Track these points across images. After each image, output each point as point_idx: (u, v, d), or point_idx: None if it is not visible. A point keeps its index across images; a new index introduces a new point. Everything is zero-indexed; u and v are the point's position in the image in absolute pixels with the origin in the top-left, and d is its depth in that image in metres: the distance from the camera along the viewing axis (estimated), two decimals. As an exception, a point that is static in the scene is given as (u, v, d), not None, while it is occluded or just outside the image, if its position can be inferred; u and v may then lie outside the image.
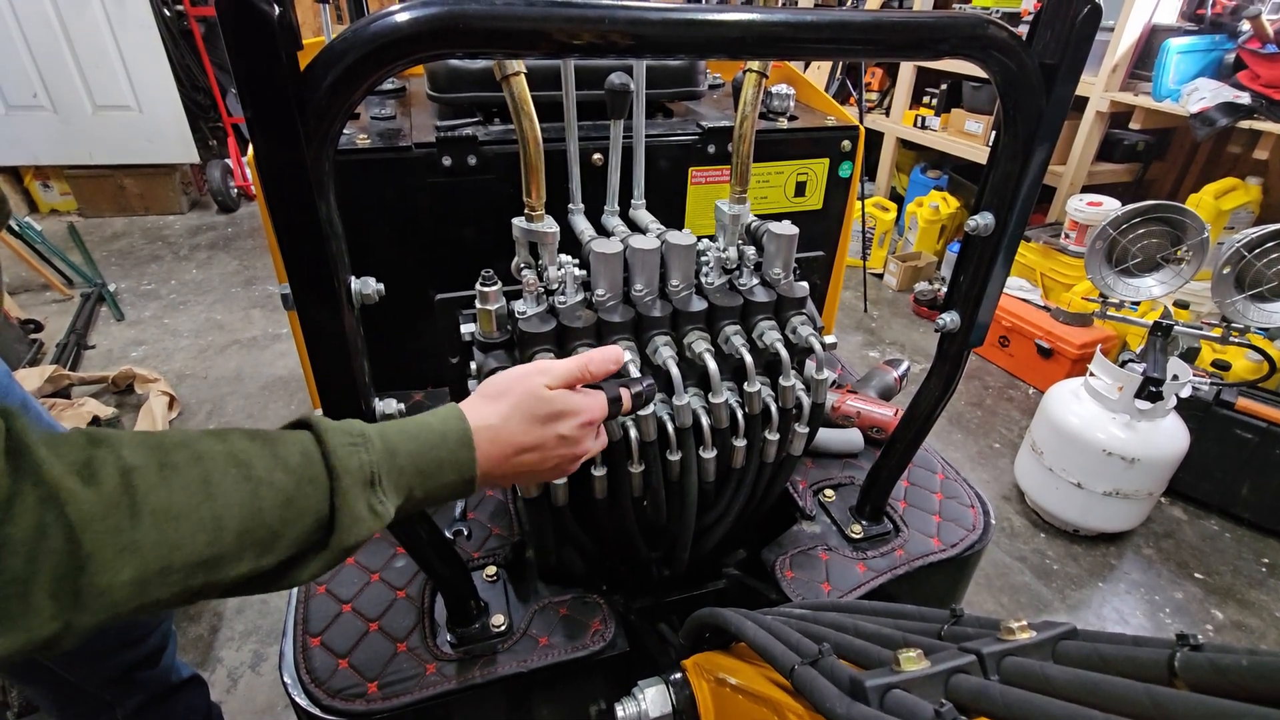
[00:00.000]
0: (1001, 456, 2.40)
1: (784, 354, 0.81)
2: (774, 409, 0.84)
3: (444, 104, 1.23)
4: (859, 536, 1.00)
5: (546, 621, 0.86)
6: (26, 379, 2.29)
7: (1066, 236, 2.91)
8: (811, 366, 0.86)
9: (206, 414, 2.48)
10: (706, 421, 0.81)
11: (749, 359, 0.79)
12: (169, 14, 3.89)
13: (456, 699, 0.78)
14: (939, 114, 3.67)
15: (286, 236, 0.52)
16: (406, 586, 0.90)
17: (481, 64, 1.16)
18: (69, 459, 0.37)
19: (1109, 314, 1.99)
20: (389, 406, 0.65)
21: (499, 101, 1.17)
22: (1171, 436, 1.85)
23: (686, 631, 0.74)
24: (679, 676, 0.66)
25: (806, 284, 0.86)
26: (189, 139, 3.97)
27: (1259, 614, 1.84)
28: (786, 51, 0.59)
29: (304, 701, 0.76)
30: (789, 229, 0.83)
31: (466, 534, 0.98)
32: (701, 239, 0.86)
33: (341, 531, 0.47)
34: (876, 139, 4.05)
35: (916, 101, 3.84)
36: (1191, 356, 2.23)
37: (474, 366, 0.81)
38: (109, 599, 0.36)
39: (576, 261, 0.81)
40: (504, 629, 0.84)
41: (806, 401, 0.86)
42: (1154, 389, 1.78)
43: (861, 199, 3.28)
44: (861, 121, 1.36)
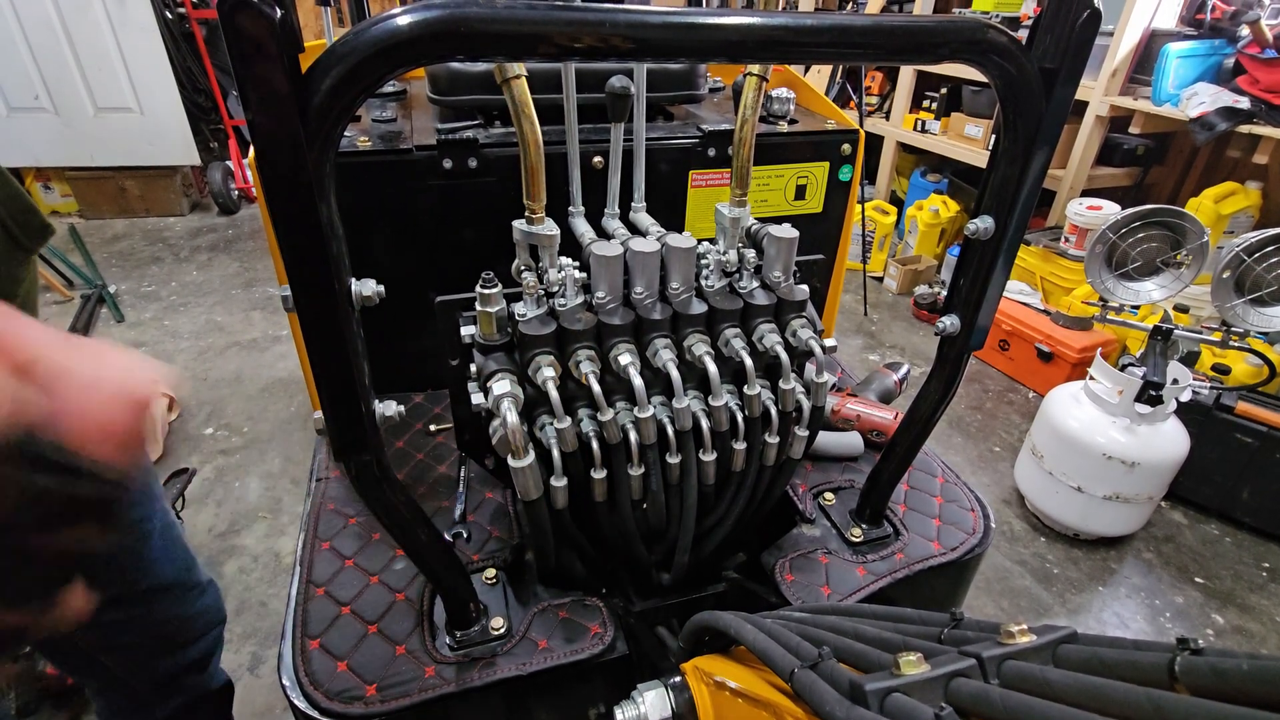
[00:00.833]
0: (1001, 460, 2.40)
1: (784, 357, 0.81)
2: (774, 412, 0.84)
3: (445, 107, 1.24)
4: (859, 540, 1.00)
5: (546, 624, 0.86)
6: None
7: (1066, 240, 2.91)
8: (811, 370, 0.86)
9: (206, 415, 2.48)
10: (706, 424, 0.81)
11: (749, 362, 0.79)
12: (171, 16, 3.90)
13: (455, 701, 0.78)
14: (939, 118, 3.68)
15: (287, 238, 0.52)
16: (406, 589, 0.89)
17: (482, 67, 1.17)
18: None
19: (1109, 318, 1.99)
20: (389, 408, 0.65)
21: (500, 104, 1.17)
22: (1172, 440, 1.84)
23: (686, 635, 0.74)
24: (678, 680, 0.66)
25: (806, 287, 0.86)
26: (190, 141, 3.98)
27: (1259, 619, 1.83)
28: (787, 55, 0.59)
29: (302, 704, 0.76)
30: (789, 232, 0.83)
31: (466, 536, 0.98)
32: (701, 242, 0.86)
33: None
34: (876, 143, 4.06)
35: (916, 105, 3.85)
36: (1191, 360, 2.23)
37: (474, 369, 0.81)
38: None
39: (577, 264, 0.81)
40: (503, 632, 0.84)
41: (806, 405, 0.86)
42: (1154, 393, 1.78)
43: (861, 202, 3.29)
44: (861, 125, 1.37)
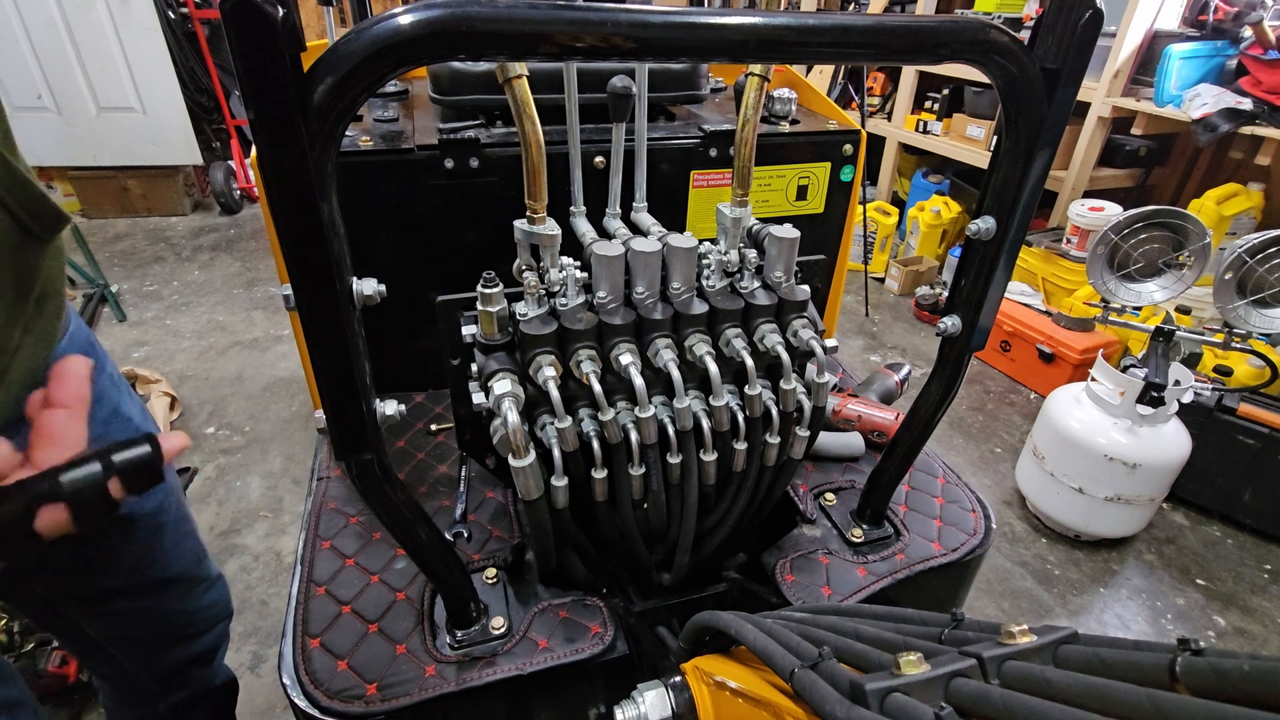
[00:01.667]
0: (1003, 461, 2.39)
1: (785, 357, 0.81)
2: (775, 412, 0.84)
3: (447, 106, 1.24)
4: (859, 540, 1.00)
5: (546, 624, 0.86)
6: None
7: (1068, 241, 2.91)
8: (812, 370, 0.86)
9: (208, 415, 2.48)
10: (707, 424, 0.81)
11: (750, 362, 0.79)
12: (173, 17, 3.91)
13: (456, 701, 0.78)
14: (941, 119, 3.67)
15: (288, 237, 0.52)
16: (406, 588, 0.89)
17: (484, 67, 1.17)
18: None
19: (1111, 319, 1.99)
20: (390, 408, 0.65)
21: (501, 104, 1.17)
22: (1173, 442, 1.84)
23: (686, 635, 0.73)
24: (679, 680, 0.66)
25: (808, 287, 0.86)
26: (192, 141, 3.99)
27: (1261, 620, 1.83)
28: (789, 55, 0.59)
29: (303, 703, 0.76)
30: (790, 232, 0.83)
31: (467, 536, 0.98)
32: (703, 242, 0.86)
33: None
34: (878, 144, 4.05)
35: (918, 106, 3.85)
36: (1193, 362, 2.23)
37: (475, 368, 0.81)
38: None
39: (578, 264, 0.81)
40: (504, 631, 0.84)
41: (807, 405, 0.86)
42: (1156, 394, 1.78)
43: (863, 203, 3.29)
44: (863, 126, 1.36)
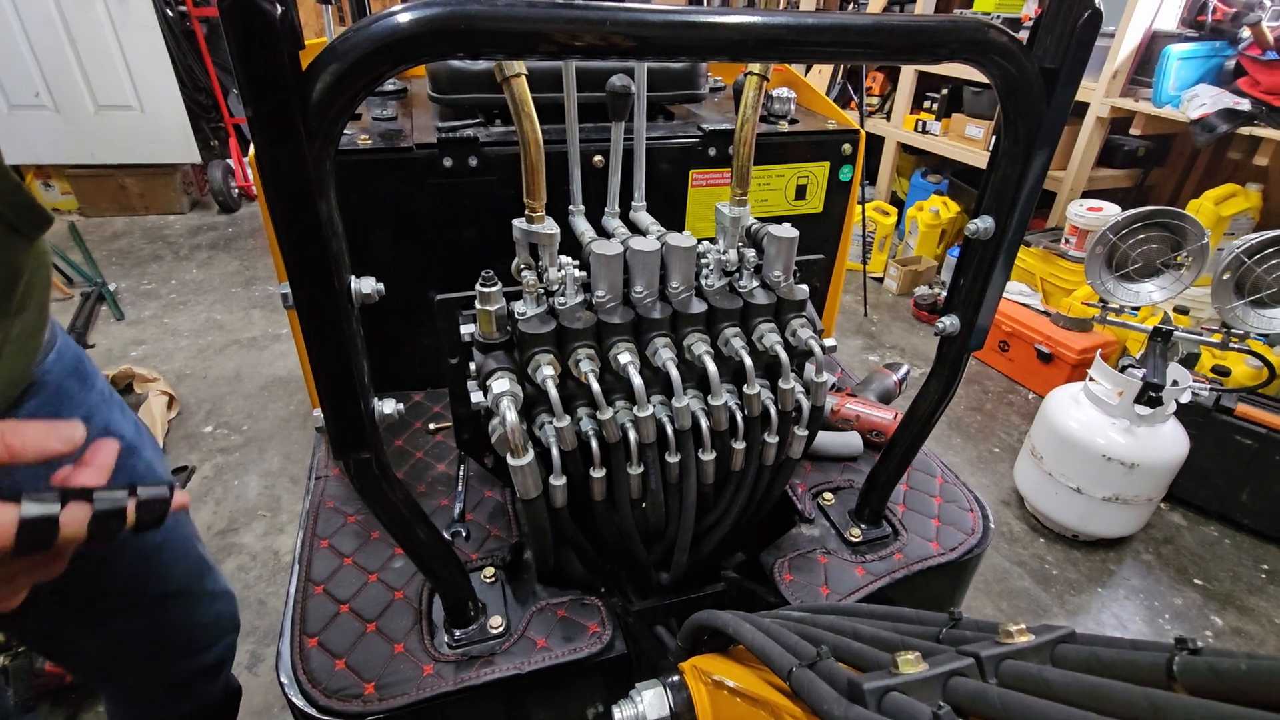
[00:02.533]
0: (1001, 461, 2.40)
1: (784, 357, 0.81)
2: (773, 412, 0.84)
3: (445, 105, 1.24)
4: (858, 540, 1.00)
5: (544, 623, 0.86)
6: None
7: (1066, 241, 2.91)
8: (811, 369, 0.86)
9: (205, 413, 2.48)
10: (706, 424, 0.81)
11: (749, 361, 0.79)
12: (172, 15, 3.90)
13: (454, 700, 0.78)
14: (940, 119, 3.68)
15: (286, 236, 0.52)
16: (404, 587, 0.89)
17: (483, 65, 1.17)
18: None
19: (1109, 319, 1.99)
20: (388, 406, 0.65)
21: (500, 103, 1.17)
22: (1171, 442, 1.84)
23: (684, 634, 0.73)
24: (677, 679, 0.66)
25: (806, 287, 0.86)
26: (190, 139, 3.98)
27: (1258, 620, 1.83)
28: (788, 54, 0.59)
29: (300, 702, 0.76)
30: (789, 232, 0.83)
31: (465, 535, 0.98)
32: (702, 241, 0.86)
33: None
34: (877, 143, 4.06)
35: (917, 106, 3.85)
36: (1191, 362, 2.23)
37: (473, 367, 0.81)
38: None
39: (577, 263, 0.81)
40: (502, 630, 0.84)
41: (806, 404, 0.86)
42: (1154, 394, 1.78)
43: (862, 203, 3.29)
44: (862, 125, 1.36)
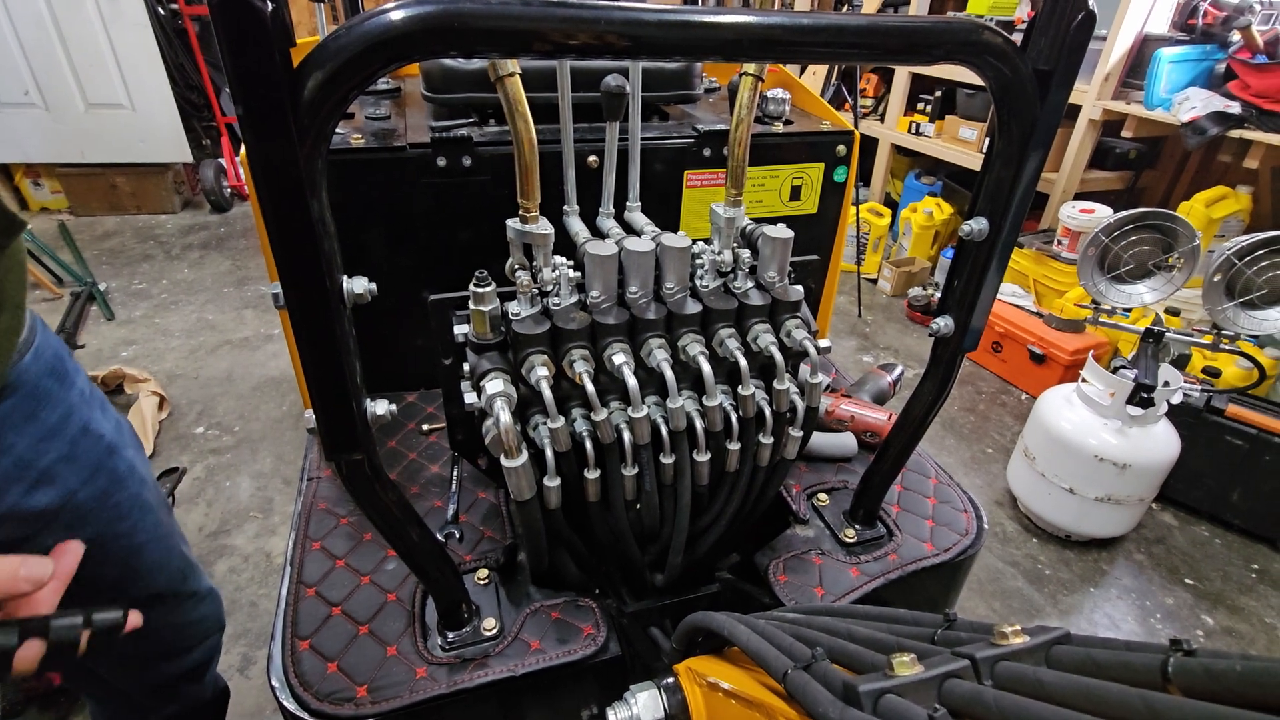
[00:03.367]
0: (994, 461, 2.41)
1: (778, 357, 0.81)
2: (768, 413, 0.84)
3: (439, 104, 1.23)
4: (852, 541, 1.00)
5: (538, 625, 0.85)
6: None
7: (1059, 243, 2.93)
8: (806, 370, 0.86)
9: (197, 414, 2.46)
10: (700, 424, 0.81)
11: (743, 362, 0.79)
12: (163, 13, 3.88)
13: (447, 703, 0.77)
14: (933, 120, 3.69)
15: (278, 235, 0.52)
16: (397, 589, 0.89)
17: (477, 64, 1.16)
18: None
19: (1101, 320, 2.00)
20: (380, 407, 0.64)
21: (494, 102, 1.16)
22: (1163, 443, 1.85)
23: (679, 636, 0.73)
24: (671, 681, 0.65)
25: (801, 288, 0.86)
26: (182, 138, 3.96)
27: (1249, 620, 1.85)
28: (783, 54, 0.59)
29: (292, 705, 0.75)
30: (784, 233, 0.83)
31: (458, 537, 0.98)
32: (696, 242, 0.86)
33: None
34: (871, 145, 4.07)
35: (911, 108, 3.86)
36: (1182, 363, 2.24)
37: (467, 368, 0.81)
38: None
39: (571, 263, 0.81)
40: (495, 632, 0.83)
41: (801, 405, 0.86)
42: (1145, 395, 1.79)
43: (856, 204, 3.30)
44: (856, 127, 1.37)
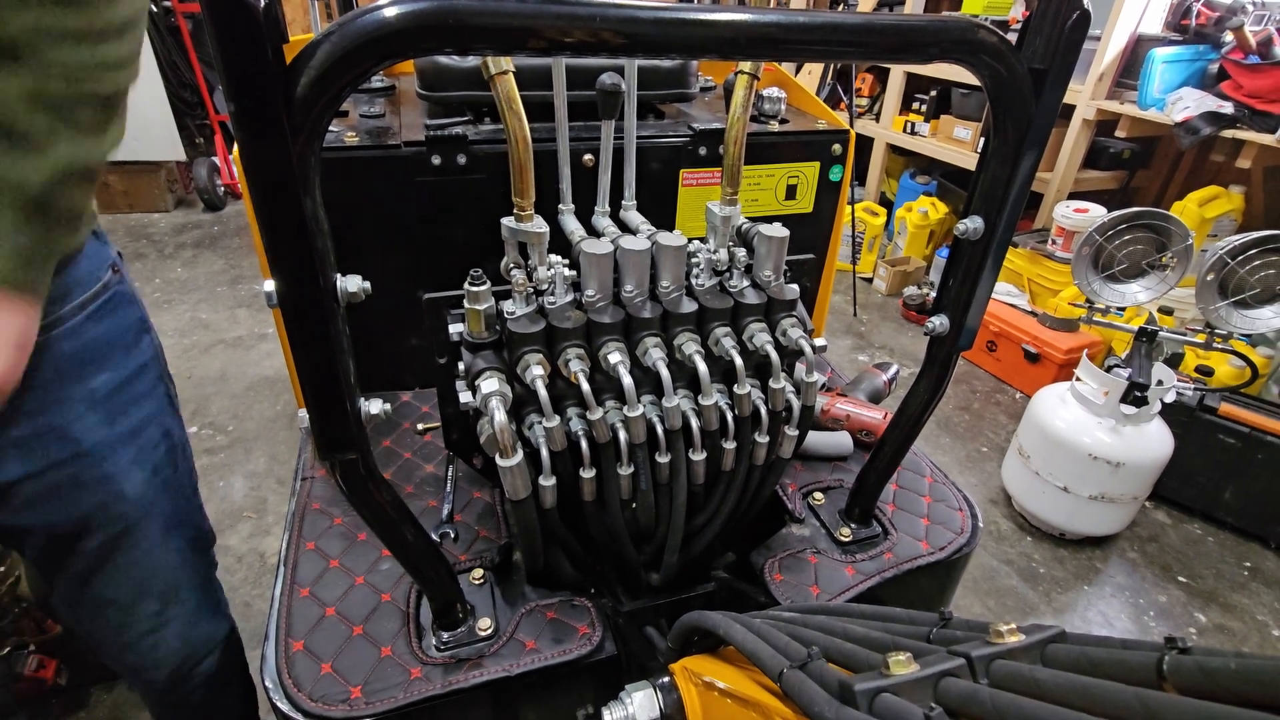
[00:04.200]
0: (989, 460, 2.41)
1: (774, 356, 0.81)
2: (764, 411, 0.84)
3: (434, 102, 1.23)
4: (848, 539, 1.00)
5: (533, 625, 0.85)
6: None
7: (1053, 243, 2.94)
8: (801, 369, 0.86)
9: (190, 414, 2.44)
10: (696, 424, 0.81)
11: (739, 361, 0.79)
12: (156, 10, 3.85)
13: (442, 704, 0.77)
14: (928, 120, 3.69)
15: (270, 233, 0.51)
16: (392, 590, 0.88)
17: (472, 62, 1.16)
18: None
19: (1095, 319, 2.01)
20: (375, 407, 0.64)
21: (489, 100, 1.16)
22: (1156, 441, 1.86)
23: (675, 635, 0.73)
24: (667, 680, 0.65)
25: (797, 287, 0.86)
26: (175, 136, 3.93)
27: (1241, 617, 1.86)
28: (778, 52, 0.59)
29: (285, 707, 0.75)
30: (780, 231, 0.83)
31: (453, 536, 0.97)
32: (692, 240, 0.86)
33: None
34: (866, 144, 4.07)
35: (906, 108, 3.87)
36: (1176, 362, 2.25)
37: (462, 367, 0.80)
38: None
39: (566, 262, 0.80)
40: (490, 632, 0.83)
41: (796, 404, 0.86)
42: (1139, 394, 1.79)
43: (851, 203, 3.30)
44: (852, 126, 1.37)
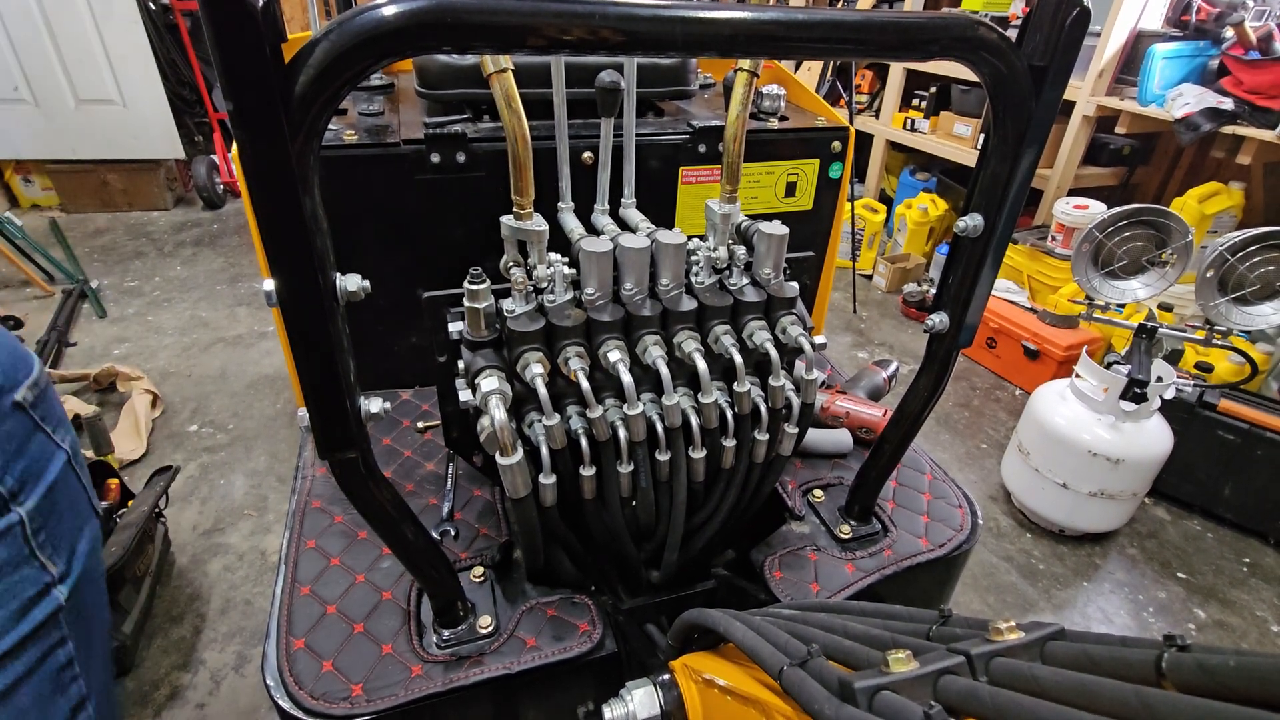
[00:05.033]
0: (988, 457, 2.41)
1: (774, 354, 0.81)
2: (764, 409, 0.84)
3: (433, 100, 1.22)
4: (847, 537, 1.01)
5: (534, 623, 0.85)
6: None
7: (1053, 239, 2.93)
8: (801, 367, 0.86)
9: (190, 412, 2.45)
10: (696, 421, 0.81)
11: (739, 359, 0.79)
12: (154, 8, 3.84)
13: (442, 701, 0.77)
14: (928, 117, 3.69)
15: (270, 232, 0.51)
16: (392, 588, 0.89)
17: (471, 60, 1.16)
18: None
19: (1095, 316, 2.01)
20: (374, 405, 0.64)
21: (489, 98, 1.16)
22: (1156, 438, 1.86)
23: (675, 632, 0.73)
24: (667, 678, 0.65)
25: (796, 284, 0.86)
26: (174, 134, 3.93)
27: (1240, 613, 1.86)
28: (778, 50, 0.59)
29: (287, 704, 0.75)
30: (779, 229, 0.83)
31: (454, 534, 0.97)
32: (692, 238, 0.86)
33: None
34: (866, 141, 4.06)
35: (906, 104, 3.86)
36: (1175, 358, 2.25)
37: (462, 365, 0.80)
38: None
39: (566, 260, 0.80)
40: (491, 630, 0.83)
41: (796, 402, 0.86)
42: (1138, 390, 1.79)
43: (851, 200, 3.30)
44: (851, 123, 1.37)
